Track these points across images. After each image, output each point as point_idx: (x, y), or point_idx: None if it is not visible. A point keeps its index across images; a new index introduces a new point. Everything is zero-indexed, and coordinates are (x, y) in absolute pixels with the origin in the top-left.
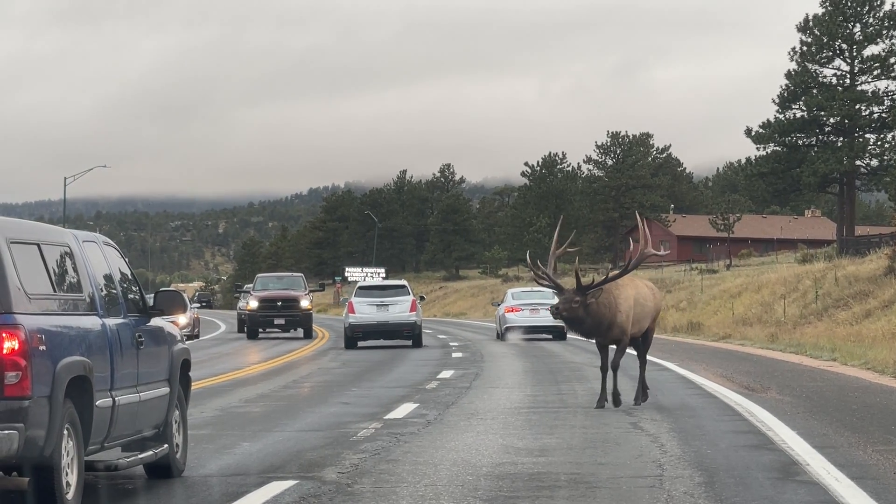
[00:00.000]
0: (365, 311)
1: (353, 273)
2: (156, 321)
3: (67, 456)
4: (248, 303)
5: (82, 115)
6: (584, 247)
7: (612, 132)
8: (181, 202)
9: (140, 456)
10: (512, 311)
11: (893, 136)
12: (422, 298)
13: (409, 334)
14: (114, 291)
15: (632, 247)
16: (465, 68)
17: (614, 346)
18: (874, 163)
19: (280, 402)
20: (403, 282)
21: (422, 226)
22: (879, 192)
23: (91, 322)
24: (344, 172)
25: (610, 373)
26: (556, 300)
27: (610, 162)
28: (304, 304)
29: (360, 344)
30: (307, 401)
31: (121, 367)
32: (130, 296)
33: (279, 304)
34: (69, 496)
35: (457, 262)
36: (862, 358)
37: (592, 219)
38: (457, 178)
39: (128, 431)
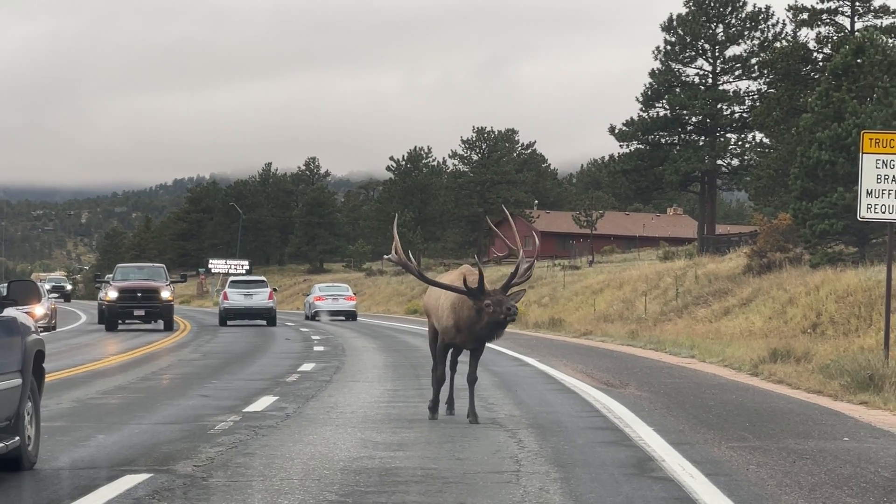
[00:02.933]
0: (236, 298)
1: (217, 265)
2: (9, 311)
3: None
4: (107, 293)
5: None
6: (449, 242)
7: (478, 127)
8: (44, 191)
9: None
10: (319, 299)
11: (754, 136)
12: (275, 290)
13: (267, 316)
14: None
15: (496, 242)
16: (332, 61)
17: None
18: (735, 162)
19: (138, 394)
20: (263, 277)
21: (286, 218)
22: (740, 191)
23: None
24: (209, 164)
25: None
26: (348, 292)
27: (475, 157)
28: (165, 295)
29: (224, 332)
30: (166, 393)
31: None
32: None
33: (139, 294)
34: None
35: (321, 256)
36: (720, 355)
37: (457, 214)
38: (322, 171)
39: None
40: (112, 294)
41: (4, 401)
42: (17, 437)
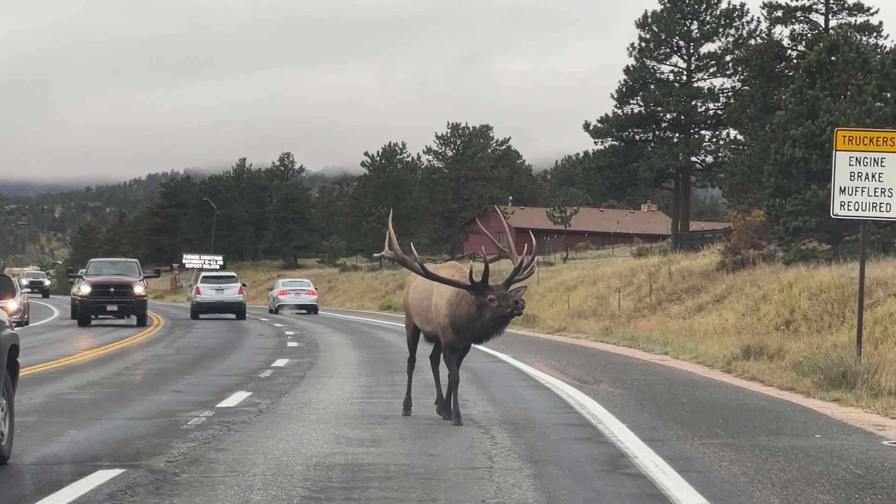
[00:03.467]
0: (207, 293)
1: (191, 260)
2: None
3: None
4: (80, 288)
5: None
6: (423, 238)
7: (453, 123)
8: (17, 186)
9: None
10: (282, 294)
11: (728, 133)
12: (244, 285)
13: (237, 310)
14: None
15: (469, 238)
16: (307, 57)
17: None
18: (709, 159)
19: (111, 390)
20: (234, 273)
21: (260, 214)
22: (714, 188)
23: None
24: (183, 159)
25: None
26: (310, 287)
27: (450, 153)
28: (138, 290)
29: (198, 327)
30: (138, 388)
31: None
32: None
33: (112, 289)
34: None
35: (295, 251)
36: (693, 352)
37: (431, 209)
38: (296, 166)
39: None
40: (85, 289)
41: None
42: None
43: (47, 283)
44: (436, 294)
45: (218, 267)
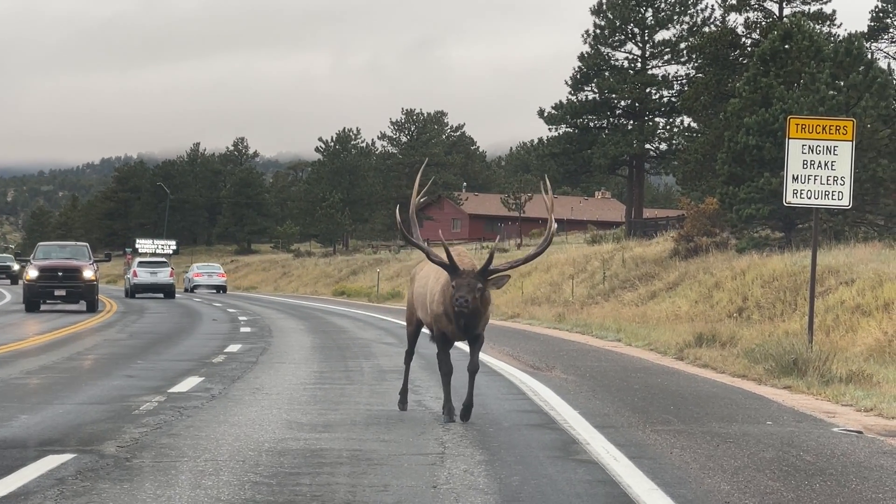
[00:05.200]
0: (143, 276)
1: (144, 244)
2: None
3: None
4: (27, 273)
5: None
6: (377, 223)
7: (407, 109)
8: None
9: None
10: (197, 275)
11: (682, 121)
12: (172, 268)
13: (167, 291)
14: None
15: (424, 224)
16: (261, 42)
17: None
18: (663, 146)
19: (62, 375)
20: (165, 259)
21: (214, 199)
22: (668, 175)
23: None
24: (137, 143)
25: (468, 376)
26: (220, 270)
27: (404, 139)
28: (88, 274)
29: (151, 313)
30: (90, 373)
31: None
32: None
33: (60, 273)
34: None
35: (249, 236)
36: (646, 339)
37: (385, 195)
38: (250, 152)
39: None
40: (32, 273)
41: None
42: None
43: (15, 267)
44: (432, 279)
45: (171, 252)
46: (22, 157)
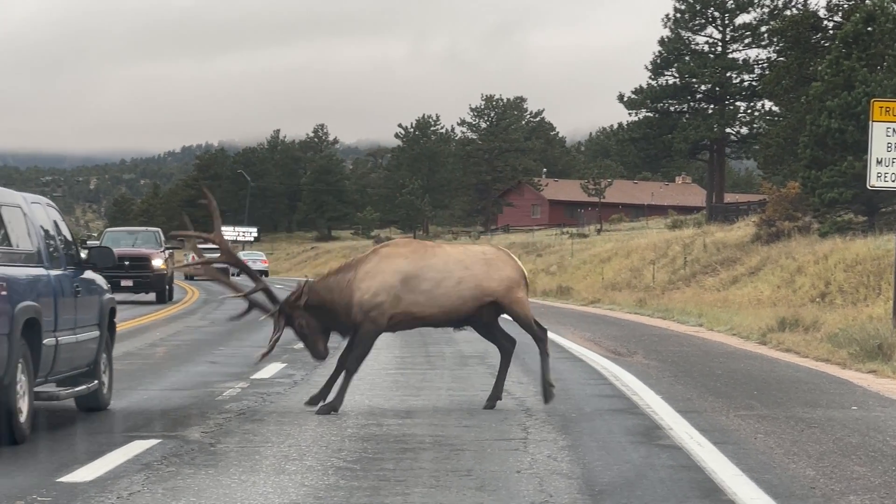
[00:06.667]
0: None
1: (225, 232)
2: (88, 273)
3: (21, 385)
4: None
5: None
6: (457, 210)
7: (487, 95)
8: (52, 158)
9: (76, 389)
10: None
11: (763, 105)
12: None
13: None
14: (56, 246)
15: (504, 210)
16: (339, 28)
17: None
18: (744, 130)
19: (146, 361)
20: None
21: (295, 186)
22: (749, 159)
23: (39, 273)
24: (217, 131)
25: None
26: (263, 257)
27: (483, 125)
28: (157, 263)
29: (231, 301)
30: (173, 359)
31: (62, 312)
32: (68, 251)
33: (127, 263)
34: (22, 419)
35: (329, 223)
36: (728, 324)
37: (465, 182)
38: (330, 138)
39: (65, 368)
40: None
41: (86, 349)
42: (96, 381)
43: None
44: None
45: (252, 239)
46: (104, 146)
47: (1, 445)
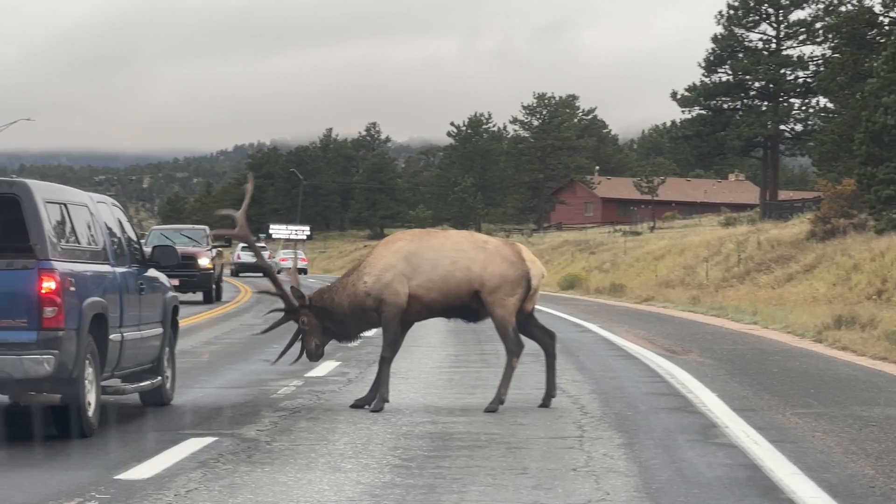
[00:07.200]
0: (245, 258)
1: (278, 230)
2: (152, 272)
3: (88, 380)
4: None
5: (8, 66)
6: (509, 208)
7: (539, 93)
8: (105, 156)
9: (141, 384)
10: (282, 260)
11: (818, 101)
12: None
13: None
14: (120, 244)
15: (556, 208)
16: (390, 26)
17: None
18: (798, 127)
19: (201, 359)
20: (264, 244)
21: (347, 184)
22: (803, 156)
23: (105, 270)
24: (270, 129)
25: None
26: (303, 255)
27: (536, 123)
28: (204, 262)
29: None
30: (229, 357)
31: (128, 308)
32: (132, 249)
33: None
34: (90, 412)
35: (381, 221)
36: (783, 321)
37: (517, 179)
38: (382, 136)
39: (131, 364)
40: None
41: (150, 346)
42: (159, 377)
43: None
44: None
45: (305, 238)
46: (157, 145)
47: (71, 438)
